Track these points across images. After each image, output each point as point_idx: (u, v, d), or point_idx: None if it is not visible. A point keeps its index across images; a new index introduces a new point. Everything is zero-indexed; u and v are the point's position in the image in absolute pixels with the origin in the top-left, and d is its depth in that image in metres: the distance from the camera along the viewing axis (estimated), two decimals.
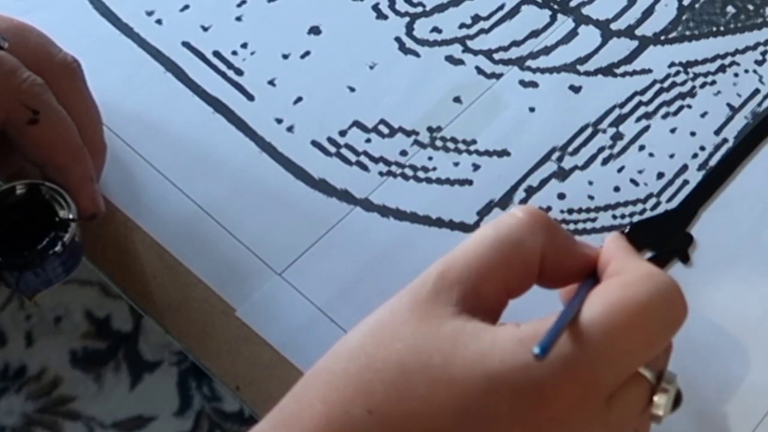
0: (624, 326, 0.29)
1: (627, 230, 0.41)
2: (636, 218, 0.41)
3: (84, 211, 0.36)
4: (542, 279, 0.32)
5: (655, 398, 0.31)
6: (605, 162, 0.43)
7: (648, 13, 0.47)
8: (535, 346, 0.27)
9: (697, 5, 0.47)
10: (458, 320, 0.29)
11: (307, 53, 0.44)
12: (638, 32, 0.46)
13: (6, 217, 0.35)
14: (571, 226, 0.41)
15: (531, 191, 0.42)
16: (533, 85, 0.44)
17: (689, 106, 0.44)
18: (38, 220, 0.35)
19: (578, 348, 0.28)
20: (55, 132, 0.36)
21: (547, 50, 0.45)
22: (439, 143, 0.42)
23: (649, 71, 0.45)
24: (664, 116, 0.44)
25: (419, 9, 0.46)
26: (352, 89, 0.44)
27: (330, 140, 0.42)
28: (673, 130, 0.44)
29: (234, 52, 0.44)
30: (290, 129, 0.42)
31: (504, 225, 0.31)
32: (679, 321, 0.31)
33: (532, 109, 0.44)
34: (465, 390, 0.28)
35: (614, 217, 0.41)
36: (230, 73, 0.43)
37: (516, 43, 0.45)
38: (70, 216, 0.35)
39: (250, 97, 0.43)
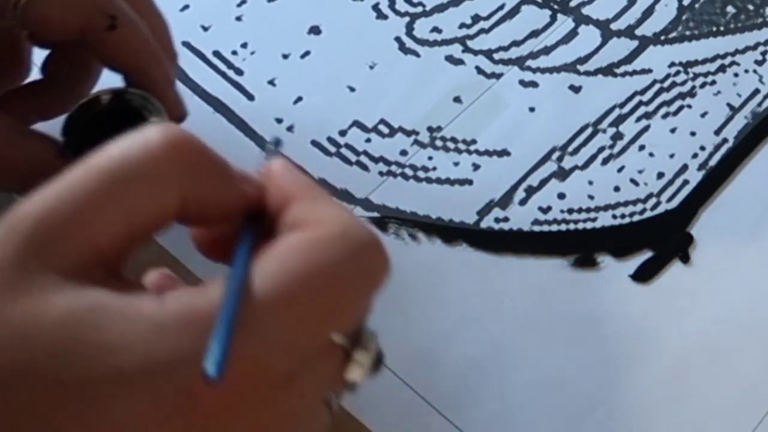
0: (299, 302, 0.24)
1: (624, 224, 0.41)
2: (636, 218, 0.41)
3: (172, 112, 0.34)
4: (185, 221, 0.26)
5: (350, 364, 0.26)
6: (605, 162, 0.43)
7: (648, 13, 0.47)
8: (207, 362, 0.22)
9: (697, 5, 0.48)
10: (70, 293, 0.22)
11: (307, 53, 0.44)
12: (638, 32, 0.46)
13: (95, 127, 0.33)
14: (572, 226, 0.41)
15: (531, 191, 0.42)
16: (533, 85, 0.44)
17: (689, 106, 0.44)
18: (127, 127, 0.33)
19: (241, 334, 0.23)
20: (134, 36, 0.33)
21: (547, 50, 0.45)
22: (439, 143, 0.42)
23: (649, 71, 0.45)
24: (664, 116, 0.44)
25: (419, 9, 0.46)
26: (352, 89, 0.44)
27: (330, 140, 0.42)
28: (673, 130, 0.44)
29: (234, 52, 0.44)
30: (290, 129, 0.42)
31: (133, 155, 0.24)
32: (379, 282, 0.26)
33: (532, 109, 0.44)
34: (91, 397, 0.22)
35: (614, 217, 0.41)
36: (230, 73, 0.43)
37: (516, 43, 0.46)
38: (160, 119, 0.34)
39: (250, 97, 0.43)
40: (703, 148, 0.43)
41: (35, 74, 0.35)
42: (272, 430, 0.25)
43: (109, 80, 0.35)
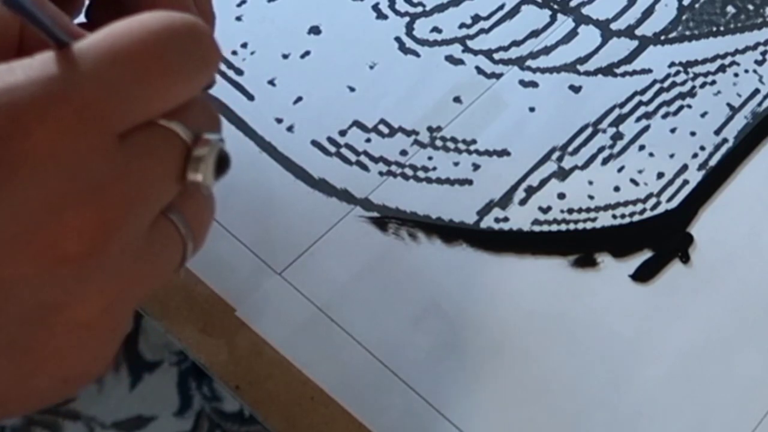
0: (129, 49, 0.24)
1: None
2: (636, 218, 0.41)
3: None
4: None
5: (190, 162, 0.26)
6: (605, 162, 0.43)
7: (648, 13, 0.47)
8: None
9: (697, 5, 0.48)
10: None
11: (307, 53, 0.44)
12: (638, 32, 0.46)
13: None
14: (572, 226, 0.41)
15: (531, 191, 0.42)
16: (533, 85, 0.44)
17: (689, 106, 0.44)
18: None
19: (69, 70, 0.23)
20: None
21: (547, 50, 0.45)
22: (439, 143, 0.42)
23: (649, 71, 0.45)
24: (664, 116, 0.44)
25: (419, 9, 0.46)
26: (352, 89, 0.44)
27: (330, 140, 0.42)
28: (673, 130, 0.44)
29: (234, 52, 0.44)
30: (290, 129, 0.42)
31: None
32: (208, 60, 0.26)
33: (532, 109, 0.44)
34: None
35: (614, 216, 0.41)
36: (230, 73, 0.43)
37: (516, 43, 0.46)
38: None
39: (250, 97, 0.43)
40: (703, 148, 0.43)
41: None
42: (105, 182, 0.23)
43: None
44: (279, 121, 0.42)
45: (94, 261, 0.23)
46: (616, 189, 0.42)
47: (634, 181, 0.42)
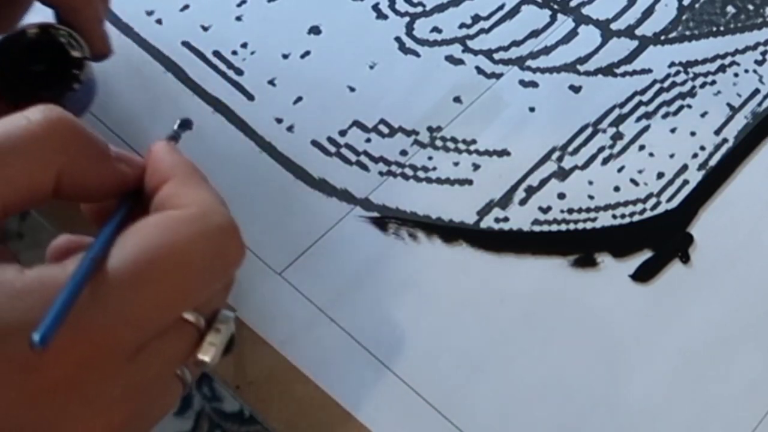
0: (153, 279, 0.25)
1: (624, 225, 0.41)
2: (636, 218, 0.41)
3: (96, 50, 0.36)
4: (62, 196, 0.27)
5: (202, 344, 0.28)
6: (605, 162, 0.43)
7: (648, 13, 0.47)
8: (34, 332, 0.23)
9: (697, 5, 0.48)
10: None
11: (307, 53, 0.44)
12: (638, 32, 0.46)
13: (20, 60, 0.35)
14: (572, 226, 0.41)
15: (531, 191, 0.42)
16: (533, 85, 0.44)
17: (689, 106, 0.44)
18: (52, 62, 0.35)
19: (91, 305, 0.24)
20: None
21: (547, 50, 0.45)
22: (439, 143, 0.42)
23: (649, 71, 0.45)
24: (664, 116, 0.44)
25: (419, 9, 0.46)
26: (352, 89, 0.44)
27: (330, 140, 0.42)
28: (673, 130, 0.44)
29: (234, 52, 0.44)
30: (290, 129, 0.42)
31: (9, 132, 0.26)
32: (232, 265, 0.28)
33: (532, 109, 0.44)
34: None
35: (614, 217, 0.41)
36: (230, 73, 0.43)
37: (516, 43, 0.46)
38: (84, 55, 0.35)
39: (250, 97, 0.43)
40: (703, 148, 0.43)
41: None
42: (119, 403, 0.26)
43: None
44: (279, 121, 0.42)
45: None
46: (616, 189, 0.42)
47: (634, 181, 0.42)
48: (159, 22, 0.45)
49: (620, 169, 0.42)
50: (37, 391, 0.24)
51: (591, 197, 0.42)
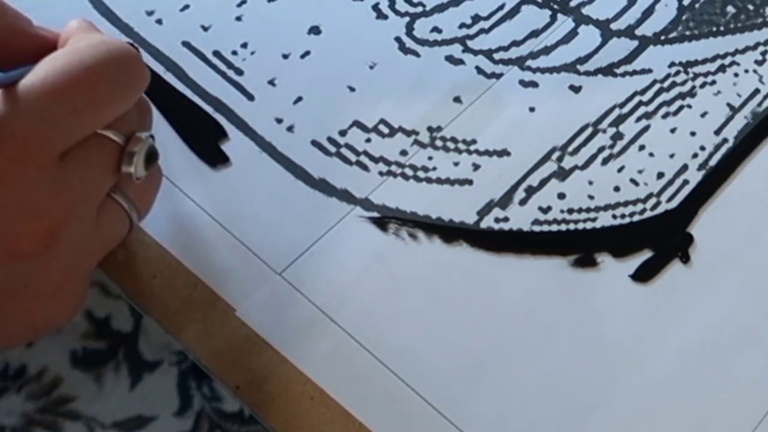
0: (65, 86, 0.29)
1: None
2: (636, 218, 0.41)
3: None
4: None
5: (124, 157, 0.32)
6: (605, 162, 0.43)
7: (648, 13, 0.47)
8: None
9: (697, 5, 0.48)
10: None
11: (307, 53, 0.44)
12: (638, 32, 0.46)
13: None
14: (572, 226, 0.41)
15: (531, 191, 0.42)
16: (533, 85, 0.44)
17: (689, 106, 0.44)
18: None
19: (13, 109, 0.28)
20: None
21: (547, 50, 0.45)
22: (439, 143, 0.42)
23: (649, 71, 0.45)
24: (664, 116, 0.44)
25: (419, 9, 0.46)
26: (352, 89, 0.44)
27: (330, 140, 0.42)
28: (673, 130, 0.44)
29: (234, 52, 0.44)
30: (290, 129, 0.42)
31: None
32: (137, 84, 0.32)
33: (532, 109, 0.44)
34: None
35: (614, 216, 0.41)
36: (230, 73, 0.43)
37: (516, 43, 0.46)
38: None
39: (250, 97, 0.43)
40: (703, 148, 0.43)
41: None
42: (54, 197, 0.29)
43: None
44: (279, 121, 0.42)
45: (46, 254, 0.29)
46: (616, 189, 0.42)
47: (634, 181, 0.42)
48: (159, 22, 0.45)
49: (620, 169, 0.42)
50: None
51: (591, 197, 0.42)
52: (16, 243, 0.29)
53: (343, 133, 0.42)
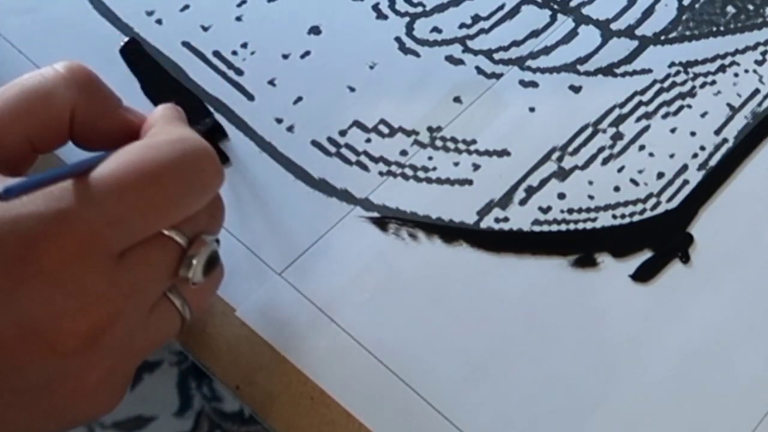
0: (134, 185, 0.28)
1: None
2: (636, 218, 0.41)
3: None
4: (76, 137, 0.32)
5: (184, 260, 0.30)
6: (605, 162, 0.43)
7: (648, 13, 0.47)
8: (3, 185, 0.26)
9: (697, 5, 0.48)
10: None
11: (307, 53, 0.44)
12: (638, 32, 0.46)
13: None
14: (572, 226, 0.41)
15: (531, 191, 0.42)
16: (533, 85, 0.44)
17: (689, 106, 0.44)
18: None
19: (78, 203, 0.27)
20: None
21: (547, 50, 0.45)
22: (439, 143, 0.42)
23: (649, 71, 0.45)
24: (664, 116, 0.44)
25: (419, 9, 0.46)
26: (352, 89, 0.44)
27: (330, 140, 0.42)
28: (673, 130, 0.44)
29: (234, 52, 0.44)
30: (290, 129, 0.42)
31: (35, 75, 0.31)
32: (210, 186, 0.31)
33: (532, 109, 0.44)
34: None
35: (614, 217, 0.41)
36: (230, 73, 0.43)
37: (516, 43, 0.46)
38: None
39: (250, 97, 0.43)
40: (703, 148, 0.43)
41: None
42: (104, 299, 0.28)
43: None
44: (279, 121, 0.42)
45: (88, 353, 0.28)
46: (616, 189, 0.42)
47: (634, 181, 0.42)
48: (159, 22, 0.45)
49: (620, 169, 0.42)
50: (26, 277, 0.27)
51: (591, 197, 0.42)
52: (59, 341, 0.28)
53: (343, 133, 0.42)
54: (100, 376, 0.29)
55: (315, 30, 0.45)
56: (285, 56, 0.44)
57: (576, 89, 0.44)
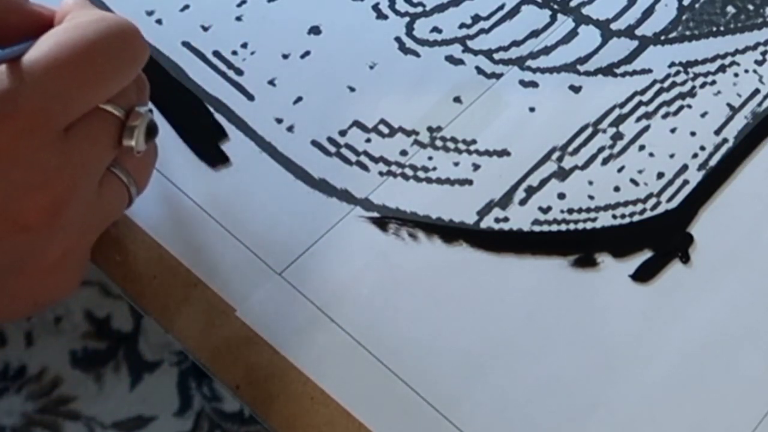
0: (68, 62, 0.29)
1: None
2: (636, 218, 0.41)
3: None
4: None
5: (125, 131, 0.32)
6: (605, 162, 0.43)
7: (648, 13, 0.47)
8: None
9: (697, 5, 0.48)
10: None
11: (307, 53, 0.44)
12: (638, 32, 0.46)
13: None
14: (572, 226, 0.41)
15: (531, 191, 0.42)
16: (533, 85, 0.44)
17: (689, 106, 0.44)
18: None
19: (17, 83, 0.29)
20: None
21: (547, 50, 0.45)
22: (439, 143, 0.42)
23: (649, 71, 0.45)
24: (664, 116, 0.44)
25: (419, 9, 0.46)
26: (352, 89, 0.44)
27: (330, 140, 0.42)
28: (673, 130, 0.44)
29: (234, 52, 0.44)
30: (290, 129, 0.42)
31: None
32: (137, 59, 0.32)
33: (532, 109, 0.44)
34: None
35: (614, 217, 0.41)
36: (230, 73, 0.43)
37: (516, 43, 0.46)
38: None
39: (250, 97, 0.43)
40: (703, 148, 0.43)
41: None
42: (58, 171, 0.29)
43: None
44: (279, 121, 0.42)
45: (50, 227, 0.30)
46: (616, 189, 0.42)
47: (634, 181, 0.42)
48: (159, 22, 0.45)
49: (620, 169, 0.42)
50: None
51: (591, 197, 0.42)
52: (22, 215, 0.29)
53: (343, 133, 0.42)
54: (61, 254, 0.31)
55: (315, 30, 0.45)
56: (285, 56, 0.44)
57: (576, 89, 0.44)
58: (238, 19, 0.45)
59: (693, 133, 0.44)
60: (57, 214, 0.30)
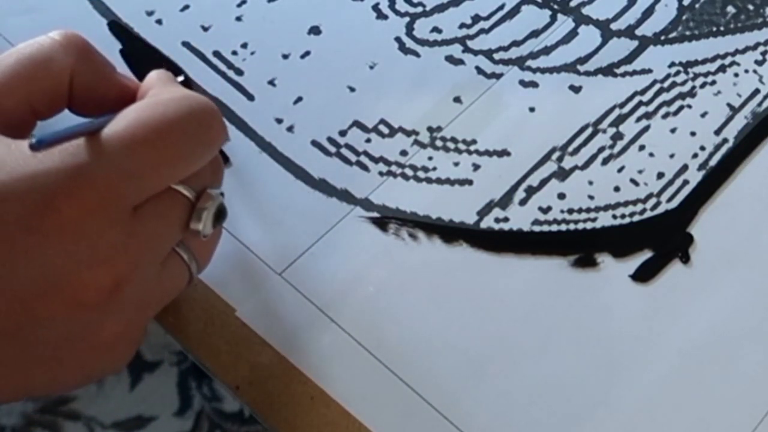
0: (146, 140, 0.29)
1: None
2: (636, 218, 0.41)
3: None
4: (74, 102, 0.33)
5: (194, 213, 0.32)
6: (605, 162, 0.43)
7: (648, 13, 0.47)
8: (34, 138, 0.27)
9: (697, 5, 0.48)
10: None
11: (307, 53, 0.44)
12: (638, 32, 0.46)
13: None
14: (572, 226, 0.41)
15: (531, 191, 0.42)
16: (533, 85, 0.44)
17: (689, 106, 0.44)
18: None
19: (94, 158, 0.28)
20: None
21: (547, 50, 0.45)
22: (439, 143, 0.42)
23: (649, 71, 0.45)
24: (664, 116, 0.44)
25: (419, 9, 0.46)
26: (352, 89, 0.44)
27: (330, 140, 0.42)
28: (673, 130, 0.44)
29: (234, 52, 0.44)
30: (290, 129, 0.42)
31: (32, 43, 0.32)
32: (215, 141, 0.32)
33: (532, 109, 0.44)
34: None
35: (614, 217, 0.41)
36: (230, 73, 0.43)
37: (516, 43, 0.46)
38: None
39: (250, 97, 0.43)
40: (703, 148, 0.43)
41: None
42: (122, 250, 0.29)
43: None
44: (279, 121, 0.42)
45: (108, 305, 0.29)
46: (616, 189, 0.42)
47: (634, 181, 0.42)
48: (159, 22, 0.45)
49: (620, 169, 0.42)
50: (47, 231, 0.28)
51: (591, 197, 0.42)
52: (81, 292, 0.28)
53: (343, 133, 0.42)
54: (119, 329, 0.30)
55: (315, 30, 0.45)
56: (285, 56, 0.44)
57: (576, 89, 0.45)
58: (238, 19, 0.45)
59: (693, 133, 0.44)
60: (116, 293, 0.29)
